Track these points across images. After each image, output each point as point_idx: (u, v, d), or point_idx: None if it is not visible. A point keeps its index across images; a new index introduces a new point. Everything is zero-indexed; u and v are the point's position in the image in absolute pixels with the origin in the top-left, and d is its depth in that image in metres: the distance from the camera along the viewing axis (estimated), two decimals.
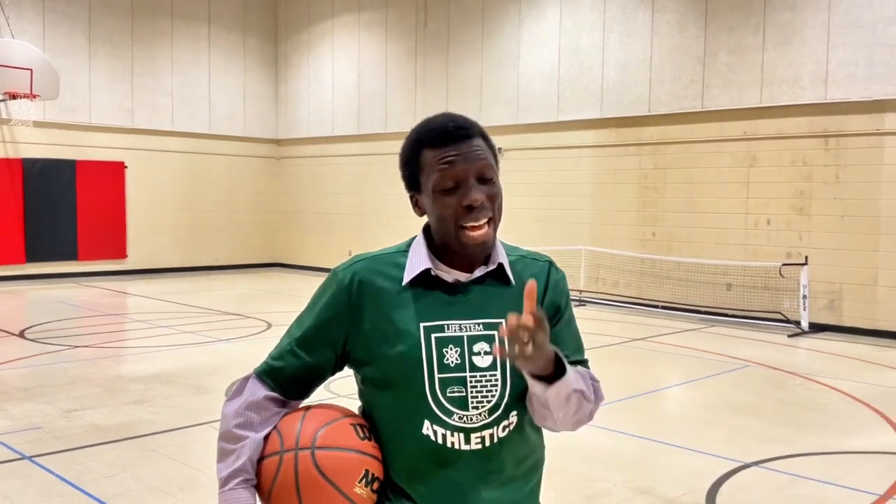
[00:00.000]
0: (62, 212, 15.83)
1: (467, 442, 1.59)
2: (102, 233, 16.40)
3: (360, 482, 1.57)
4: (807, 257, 10.85)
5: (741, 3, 11.55)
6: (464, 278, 1.65)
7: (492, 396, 1.61)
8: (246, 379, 1.70)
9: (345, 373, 1.79)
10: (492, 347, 1.61)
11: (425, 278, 1.64)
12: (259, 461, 1.60)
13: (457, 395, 1.59)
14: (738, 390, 7.43)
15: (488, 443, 1.60)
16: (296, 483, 1.55)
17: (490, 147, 1.66)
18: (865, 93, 10.45)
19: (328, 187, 18.00)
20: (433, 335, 1.60)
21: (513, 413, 1.62)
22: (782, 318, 11.08)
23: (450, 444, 1.59)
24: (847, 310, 10.75)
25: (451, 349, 1.60)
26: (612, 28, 13.02)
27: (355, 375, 1.72)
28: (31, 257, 15.54)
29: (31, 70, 14.34)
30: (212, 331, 10.26)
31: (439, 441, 1.59)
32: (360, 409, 1.74)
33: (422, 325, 1.60)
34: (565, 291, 1.76)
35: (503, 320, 1.59)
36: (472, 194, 1.57)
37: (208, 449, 3.62)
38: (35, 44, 15.02)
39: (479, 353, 1.61)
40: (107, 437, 5.66)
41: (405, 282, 1.63)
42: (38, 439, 5.58)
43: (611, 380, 7.74)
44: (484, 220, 1.59)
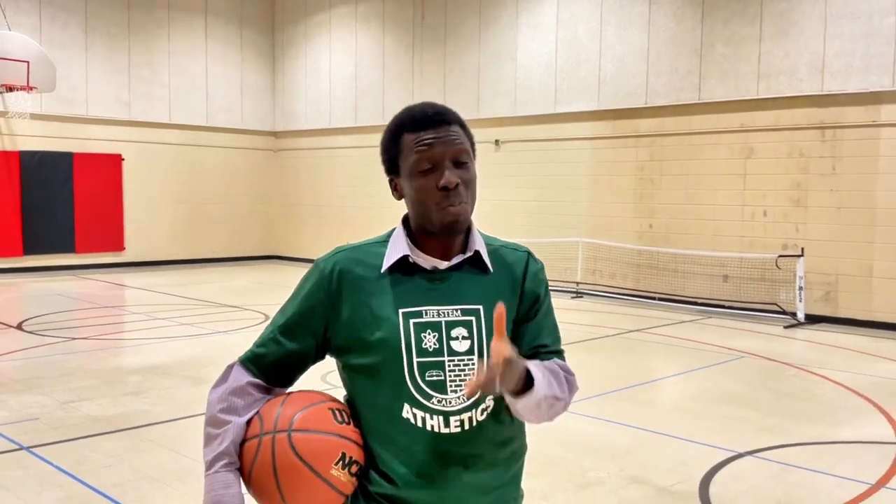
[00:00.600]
0: (60, 204, 15.82)
1: (447, 425, 1.63)
2: (100, 225, 16.41)
3: (336, 464, 1.59)
4: (803, 249, 10.88)
5: None
6: (442, 265, 1.69)
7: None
8: (230, 366, 1.74)
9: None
10: (469, 332, 1.66)
11: (404, 266, 1.68)
12: (241, 444, 1.63)
13: (435, 378, 1.63)
14: (733, 381, 7.47)
15: (467, 426, 1.64)
16: (273, 465, 1.57)
17: (468, 136, 1.70)
18: (862, 84, 10.46)
19: (325, 179, 18.01)
20: (412, 321, 1.64)
21: (489, 397, 1.66)
22: (778, 309, 11.12)
23: (429, 428, 1.62)
24: (843, 301, 10.78)
25: (429, 334, 1.64)
26: (609, 19, 13.01)
27: (337, 364, 1.75)
28: (29, 250, 15.55)
29: (27, 62, 14.31)
30: (209, 323, 10.28)
31: (419, 424, 1.62)
32: (345, 398, 1.77)
33: (400, 311, 1.64)
34: (544, 281, 1.80)
35: (481, 306, 1.65)
36: (447, 176, 1.62)
37: None
38: (31, 36, 14.99)
39: (456, 338, 1.65)
40: (104, 428, 5.69)
41: (384, 269, 1.67)
42: (36, 430, 5.60)
43: (606, 371, 7.79)
44: (458, 203, 1.63)
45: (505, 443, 1.71)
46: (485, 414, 1.66)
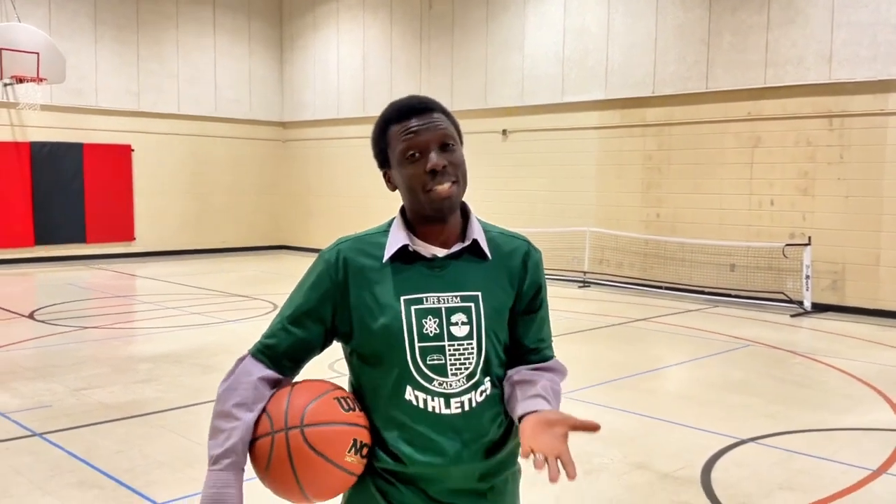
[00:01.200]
0: (70, 195, 15.95)
1: (447, 406, 1.70)
2: (110, 215, 16.53)
3: (349, 451, 1.67)
4: (810, 238, 10.88)
5: None
6: (441, 254, 1.75)
7: (469, 364, 1.72)
8: (241, 359, 1.79)
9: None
10: (468, 318, 1.72)
11: (404, 255, 1.74)
12: (253, 441, 1.69)
13: (436, 362, 1.70)
14: (738, 369, 7.51)
15: (467, 407, 1.72)
16: (290, 459, 1.65)
17: (453, 122, 1.76)
18: (869, 73, 10.43)
19: (333, 170, 18.07)
20: (413, 307, 1.71)
21: (487, 379, 1.74)
22: (785, 298, 11.13)
23: (431, 409, 1.70)
24: (850, 290, 10.78)
25: (429, 320, 1.71)
26: (617, 8, 12.99)
27: (343, 348, 1.82)
28: (40, 240, 15.68)
29: (37, 54, 14.40)
30: (219, 312, 10.37)
31: (421, 406, 1.70)
32: (350, 381, 1.83)
33: (402, 299, 1.71)
34: (543, 270, 1.87)
35: (479, 292, 1.73)
36: (433, 159, 1.68)
37: None
38: (41, 27, 15.08)
39: (456, 324, 1.72)
40: (115, 415, 5.78)
41: (385, 258, 1.74)
42: (49, 417, 5.70)
43: (612, 359, 7.83)
44: (448, 183, 1.69)
45: (502, 422, 1.78)
46: (483, 395, 1.73)
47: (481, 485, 1.74)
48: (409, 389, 1.70)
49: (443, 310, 1.72)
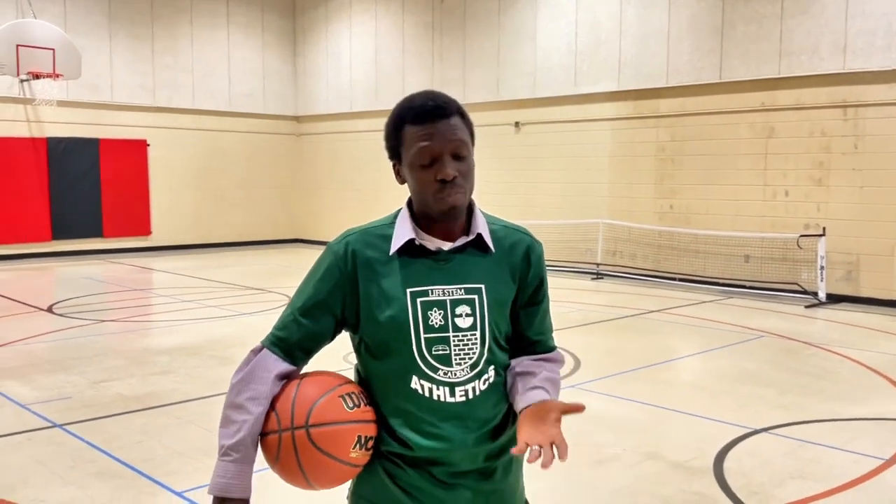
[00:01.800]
0: (87, 190, 16.10)
1: (452, 395, 1.77)
2: (127, 210, 16.68)
3: (354, 447, 1.74)
4: (824, 228, 10.84)
5: None
6: (446, 247, 1.80)
7: (473, 354, 1.78)
8: (254, 351, 1.84)
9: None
10: (472, 310, 1.78)
11: (410, 248, 1.79)
12: (262, 435, 1.76)
13: (441, 353, 1.76)
14: (752, 360, 7.51)
15: (471, 395, 1.78)
16: (297, 458, 1.72)
17: (468, 125, 1.79)
18: (884, 62, 10.36)
19: (347, 163, 18.13)
20: (419, 299, 1.76)
21: (490, 368, 1.80)
22: (800, 289, 11.10)
23: (436, 397, 1.76)
24: (864, 281, 10.74)
25: (435, 312, 1.76)
26: None
27: (352, 338, 1.87)
28: (58, 235, 15.85)
29: (53, 50, 14.53)
30: (235, 305, 10.46)
31: (426, 394, 1.76)
32: (357, 369, 1.89)
33: (408, 291, 1.76)
34: (545, 263, 1.92)
35: (483, 285, 1.78)
36: (445, 169, 1.72)
37: None
38: (56, 23, 15.20)
39: (460, 315, 1.77)
40: (134, 406, 5.87)
41: (392, 251, 1.79)
42: (69, 408, 5.79)
43: (625, 350, 7.86)
44: (455, 193, 1.73)
45: (505, 407, 1.84)
46: (487, 384, 1.79)
47: (487, 465, 1.80)
48: (414, 379, 1.76)
49: (447, 302, 1.77)
